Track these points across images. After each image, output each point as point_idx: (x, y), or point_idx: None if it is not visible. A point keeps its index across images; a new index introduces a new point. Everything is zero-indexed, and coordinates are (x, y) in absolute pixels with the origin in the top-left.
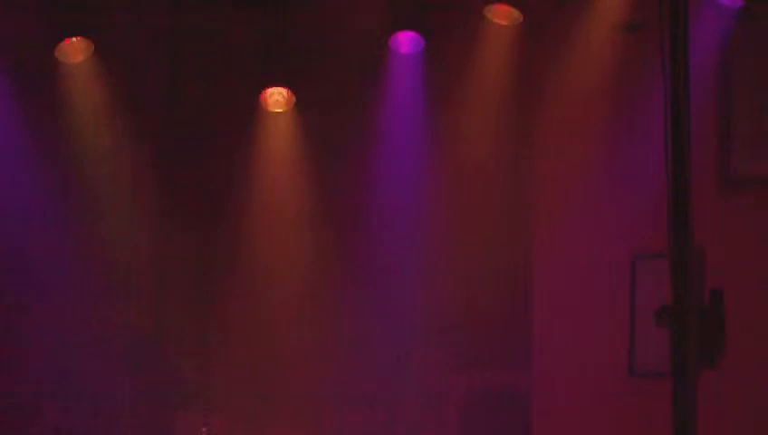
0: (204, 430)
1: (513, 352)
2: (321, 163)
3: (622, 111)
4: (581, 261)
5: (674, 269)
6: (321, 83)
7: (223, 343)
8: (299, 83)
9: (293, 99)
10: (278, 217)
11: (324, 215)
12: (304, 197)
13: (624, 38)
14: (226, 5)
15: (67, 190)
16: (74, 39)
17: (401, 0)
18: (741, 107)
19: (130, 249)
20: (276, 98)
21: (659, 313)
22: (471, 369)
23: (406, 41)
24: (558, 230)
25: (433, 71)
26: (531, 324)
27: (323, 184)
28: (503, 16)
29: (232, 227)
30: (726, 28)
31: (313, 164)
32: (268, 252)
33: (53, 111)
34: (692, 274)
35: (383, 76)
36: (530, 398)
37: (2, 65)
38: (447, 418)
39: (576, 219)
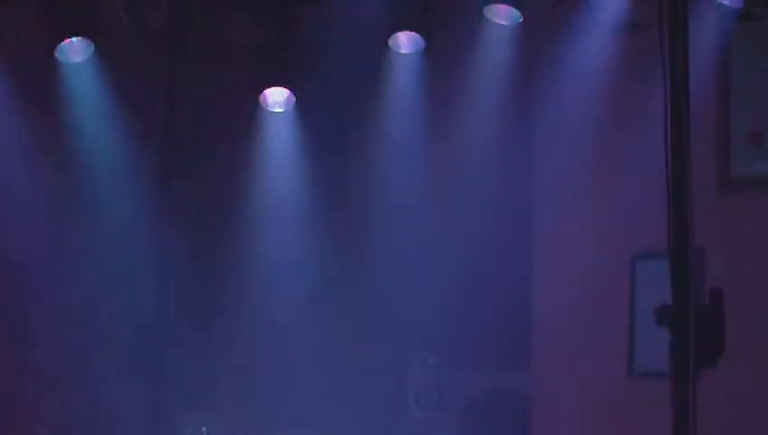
0: (204, 429)
1: (513, 353)
2: (321, 163)
3: (622, 111)
4: (581, 261)
5: (674, 269)
6: (321, 83)
7: (223, 343)
8: (299, 83)
9: (293, 99)
10: (278, 217)
11: (324, 215)
12: (304, 196)
13: (624, 38)
14: (226, 5)
15: (67, 190)
16: (74, 39)
17: (401, 0)
18: (741, 107)
19: (131, 249)
20: (276, 98)
21: (659, 312)
22: (471, 369)
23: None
24: (558, 230)
25: (433, 71)
26: (531, 324)
27: (323, 184)
28: (503, 16)
29: (232, 227)
30: (726, 28)
31: (313, 164)
32: (268, 252)
33: (53, 111)
34: (692, 274)
35: (383, 76)
36: (530, 398)
37: (2, 65)
38: (447, 418)
39: (576, 219)
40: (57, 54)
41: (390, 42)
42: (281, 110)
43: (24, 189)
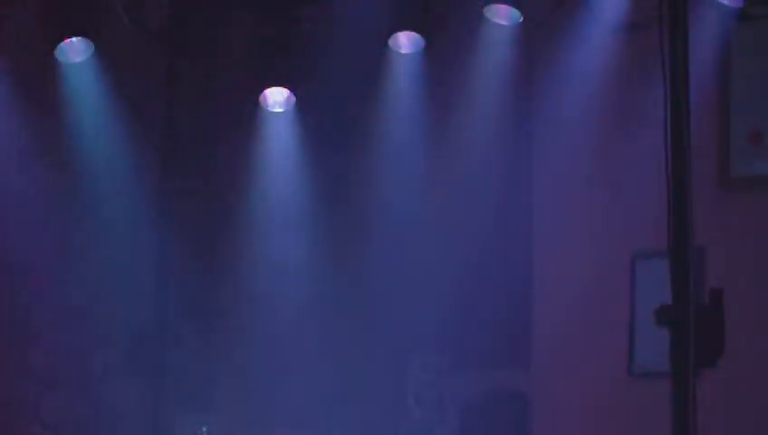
0: (204, 429)
1: (513, 353)
2: (321, 163)
3: (622, 111)
4: (581, 261)
5: (674, 269)
6: (321, 83)
7: (223, 342)
8: (299, 83)
9: (293, 99)
10: (278, 217)
11: (324, 215)
12: (304, 196)
13: (624, 38)
14: (226, 5)
15: (67, 190)
16: (74, 39)
17: (401, 0)
18: (741, 107)
19: (131, 249)
20: (276, 98)
21: (659, 312)
22: (471, 369)
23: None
24: (558, 230)
25: (433, 71)
26: (531, 324)
27: (323, 184)
28: (503, 16)
29: (232, 227)
30: (726, 28)
31: (313, 164)
32: (268, 252)
33: (53, 111)
34: (692, 274)
35: (383, 76)
36: (530, 398)
37: (2, 65)
38: (447, 418)
39: (576, 219)
40: (57, 54)
41: (390, 42)
42: (281, 110)
43: (24, 189)
